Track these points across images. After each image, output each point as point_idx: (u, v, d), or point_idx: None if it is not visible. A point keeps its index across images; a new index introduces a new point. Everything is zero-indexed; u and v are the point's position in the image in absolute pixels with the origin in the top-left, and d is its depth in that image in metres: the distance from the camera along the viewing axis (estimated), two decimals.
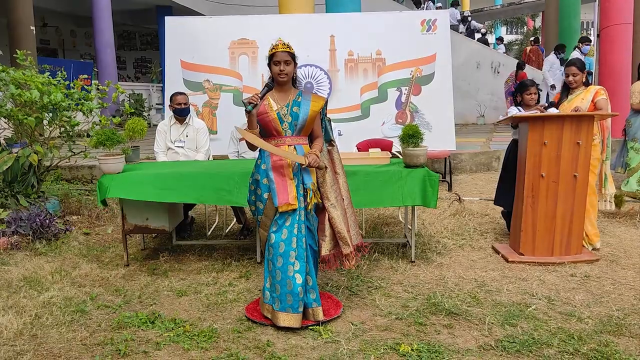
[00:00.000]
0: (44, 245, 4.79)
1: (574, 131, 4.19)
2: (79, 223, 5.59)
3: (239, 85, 7.14)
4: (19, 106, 5.54)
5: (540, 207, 4.27)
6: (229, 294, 3.74)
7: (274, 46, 3.26)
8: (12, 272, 4.13)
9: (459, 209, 5.83)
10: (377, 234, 5.18)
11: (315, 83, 7.14)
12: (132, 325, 3.23)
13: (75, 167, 7.53)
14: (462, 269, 4.18)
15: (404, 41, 7.13)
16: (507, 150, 5.04)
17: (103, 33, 13.76)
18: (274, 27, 7.07)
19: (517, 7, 23.24)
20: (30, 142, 5.66)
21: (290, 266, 3.19)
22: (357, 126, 7.08)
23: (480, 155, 8.42)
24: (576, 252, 4.34)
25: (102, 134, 4.33)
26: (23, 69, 5.61)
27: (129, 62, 21.21)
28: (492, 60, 13.74)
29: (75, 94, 5.67)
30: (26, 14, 8.90)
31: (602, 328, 3.11)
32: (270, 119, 3.24)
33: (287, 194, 3.20)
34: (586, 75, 4.69)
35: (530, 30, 29.68)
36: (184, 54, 7.13)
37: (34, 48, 8.67)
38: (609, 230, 5.16)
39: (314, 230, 3.30)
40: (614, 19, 9.25)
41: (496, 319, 3.25)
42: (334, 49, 7.17)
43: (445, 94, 7.12)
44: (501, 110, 12.55)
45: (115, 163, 4.21)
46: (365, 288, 3.80)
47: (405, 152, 4.21)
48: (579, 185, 4.25)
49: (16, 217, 4.91)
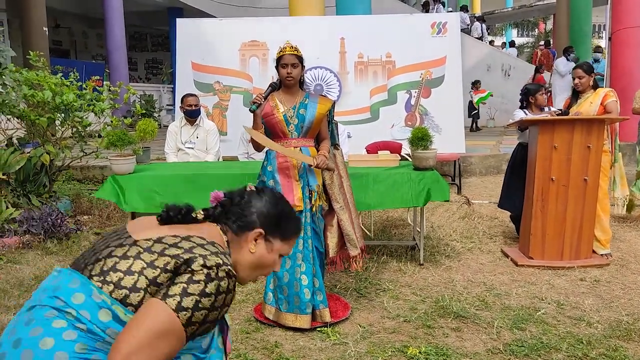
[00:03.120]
0: (55, 245, 4.83)
1: (585, 135, 4.17)
2: (90, 223, 5.64)
3: (249, 87, 7.16)
4: (31, 106, 5.60)
5: (550, 211, 4.26)
6: (237, 294, 3.75)
7: (281, 49, 3.27)
8: (24, 271, 4.17)
9: (468, 212, 5.81)
10: (386, 236, 5.18)
11: (325, 85, 7.15)
12: None
13: (87, 167, 7.59)
14: (471, 272, 4.17)
15: (414, 44, 7.12)
16: (513, 154, 5.02)
17: (115, 34, 13.86)
18: (284, 29, 7.09)
19: (528, 9, 23.14)
20: (43, 142, 5.71)
21: (297, 268, 3.20)
22: (366, 128, 7.07)
23: (490, 158, 8.40)
24: (586, 256, 4.31)
25: (113, 134, 4.37)
26: (36, 70, 5.67)
27: (140, 64, 21.34)
28: (502, 63, 13.70)
29: (87, 94, 5.71)
30: (39, 15, 8.99)
31: (611, 333, 3.09)
32: (276, 120, 3.26)
33: (292, 195, 3.21)
34: (595, 78, 4.65)
35: (542, 33, 29.53)
36: (194, 55, 7.17)
37: (46, 49, 8.74)
38: (619, 234, 5.12)
39: (319, 232, 3.31)
40: (626, 22, 9.18)
41: (505, 322, 3.24)
42: (344, 51, 7.18)
43: (455, 96, 7.11)
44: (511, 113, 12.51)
45: (126, 163, 4.24)
46: (374, 290, 3.81)
47: (415, 154, 4.21)
48: (589, 189, 4.23)
49: (28, 217, 4.96)
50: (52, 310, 1.41)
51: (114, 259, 1.45)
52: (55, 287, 1.46)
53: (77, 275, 1.47)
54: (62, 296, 1.42)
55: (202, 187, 4.15)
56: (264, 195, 1.67)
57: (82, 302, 1.40)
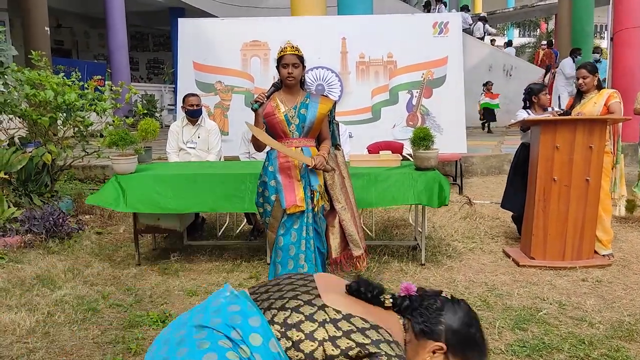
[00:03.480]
0: (57, 244, 4.83)
1: (587, 135, 4.16)
2: (92, 222, 5.65)
3: (250, 86, 7.17)
4: (33, 106, 5.61)
5: (551, 211, 4.25)
6: None
7: (282, 49, 3.27)
8: (26, 270, 4.17)
9: (469, 212, 5.81)
10: (387, 236, 5.17)
11: (326, 85, 7.15)
12: (143, 324, 3.26)
13: (89, 166, 7.60)
14: (473, 272, 4.17)
15: (415, 44, 7.12)
16: (516, 154, 5.02)
17: (116, 34, 13.86)
18: (285, 29, 7.09)
19: (530, 10, 23.09)
20: (44, 142, 5.72)
21: (300, 269, 3.19)
22: (368, 129, 7.08)
23: (491, 159, 8.39)
24: (588, 256, 4.30)
25: (115, 134, 4.38)
26: (38, 70, 5.67)
27: (141, 63, 21.35)
28: (504, 63, 13.68)
29: (89, 94, 5.73)
30: (41, 14, 8.98)
31: (613, 333, 3.09)
32: (277, 120, 3.25)
33: (294, 195, 3.20)
34: (599, 79, 4.63)
35: (544, 33, 29.50)
36: (196, 55, 7.18)
37: (48, 49, 8.74)
38: (621, 235, 5.12)
39: (321, 232, 3.31)
40: (628, 22, 9.17)
41: (506, 323, 3.24)
42: (345, 51, 7.18)
43: (457, 96, 7.10)
44: (513, 113, 12.49)
45: (127, 163, 4.25)
46: None
47: (416, 154, 4.21)
48: (591, 189, 4.22)
49: (30, 216, 4.96)
50: (227, 340, 1.39)
51: (299, 316, 1.43)
52: (233, 316, 1.42)
53: (258, 313, 1.44)
54: (240, 330, 1.40)
55: (203, 187, 4.16)
56: (459, 309, 1.55)
57: (259, 345, 1.38)
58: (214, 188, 4.14)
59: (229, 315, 1.44)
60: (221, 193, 4.13)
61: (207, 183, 4.16)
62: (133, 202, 4.12)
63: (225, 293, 1.52)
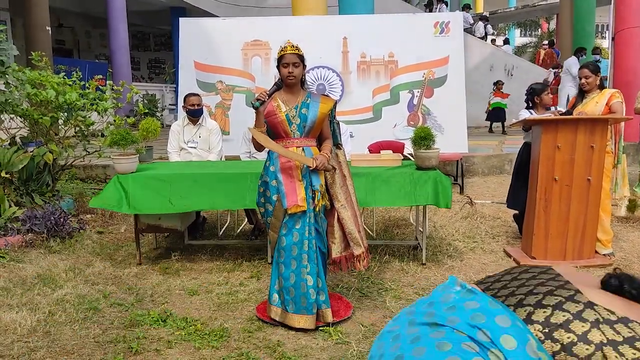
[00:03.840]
0: (58, 244, 4.84)
1: (588, 134, 4.15)
2: (93, 222, 5.65)
3: (251, 86, 7.17)
4: (34, 106, 5.62)
5: (553, 211, 4.25)
6: (240, 293, 3.76)
7: (282, 48, 3.26)
8: (27, 270, 4.18)
9: (470, 212, 5.80)
10: (388, 236, 5.17)
11: (327, 85, 7.15)
12: (144, 324, 3.26)
13: (90, 166, 7.61)
14: (474, 272, 4.17)
15: (416, 43, 7.12)
16: (519, 153, 5.01)
17: (118, 34, 13.89)
18: (286, 29, 7.10)
19: (531, 9, 23.08)
20: (46, 141, 5.73)
21: (303, 269, 3.19)
22: (368, 128, 7.08)
23: (492, 158, 8.38)
24: (589, 256, 4.30)
25: (116, 133, 4.38)
26: (39, 69, 5.68)
27: (142, 63, 21.37)
28: (505, 63, 13.66)
29: (90, 94, 5.73)
30: (42, 14, 9.00)
31: None
32: (278, 120, 3.25)
33: (296, 195, 3.20)
34: (601, 78, 4.63)
35: (545, 33, 29.48)
36: (197, 55, 7.18)
37: (49, 48, 8.76)
38: (622, 234, 5.11)
39: (322, 232, 3.31)
40: (629, 22, 9.16)
41: None
42: (346, 50, 7.18)
43: (458, 96, 7.10)
44: (514, 113, 12.47)
45: (129, 163, 4.26)
46: (376, 290, 3.80)
47: (417, 154, 4.20)
48: (592, 189, 4.22)
49: (31, 216, 4.97)
50: (472, 342, 1.22)
51: (565, 315, 1.23)
52: (474, 314, 1.25)
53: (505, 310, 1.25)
54: (488, 331, 1.22)
55: (204, 186, 4.16)
56: None
57: (514, 348, 1.19)
58: (214, 187, 4.15)
59: (468, 313, 1.27)
60: (222, 192, 4.13)
61: (208, 182, 4.16)
62: (135, 203, 4.13)
63: (455, 287, 1.35)
